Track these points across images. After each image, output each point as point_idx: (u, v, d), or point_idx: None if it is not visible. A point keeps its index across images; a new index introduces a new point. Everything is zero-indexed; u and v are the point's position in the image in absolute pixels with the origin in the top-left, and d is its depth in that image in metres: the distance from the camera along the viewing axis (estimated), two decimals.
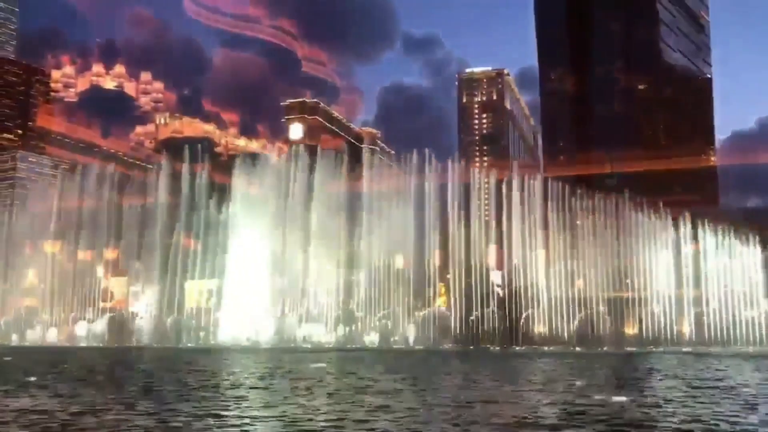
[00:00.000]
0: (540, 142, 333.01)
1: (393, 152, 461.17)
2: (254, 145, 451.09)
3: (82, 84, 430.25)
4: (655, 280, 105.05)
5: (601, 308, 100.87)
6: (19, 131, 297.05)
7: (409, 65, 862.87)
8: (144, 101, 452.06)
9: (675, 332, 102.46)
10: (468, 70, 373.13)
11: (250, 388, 33.15)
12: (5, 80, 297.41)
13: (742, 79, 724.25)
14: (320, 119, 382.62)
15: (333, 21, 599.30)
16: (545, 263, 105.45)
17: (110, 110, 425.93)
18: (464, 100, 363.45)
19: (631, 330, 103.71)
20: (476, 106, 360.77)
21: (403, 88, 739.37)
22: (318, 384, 34.33)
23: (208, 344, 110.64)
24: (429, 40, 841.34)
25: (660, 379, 41.86)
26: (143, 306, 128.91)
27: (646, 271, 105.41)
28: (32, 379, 36.78)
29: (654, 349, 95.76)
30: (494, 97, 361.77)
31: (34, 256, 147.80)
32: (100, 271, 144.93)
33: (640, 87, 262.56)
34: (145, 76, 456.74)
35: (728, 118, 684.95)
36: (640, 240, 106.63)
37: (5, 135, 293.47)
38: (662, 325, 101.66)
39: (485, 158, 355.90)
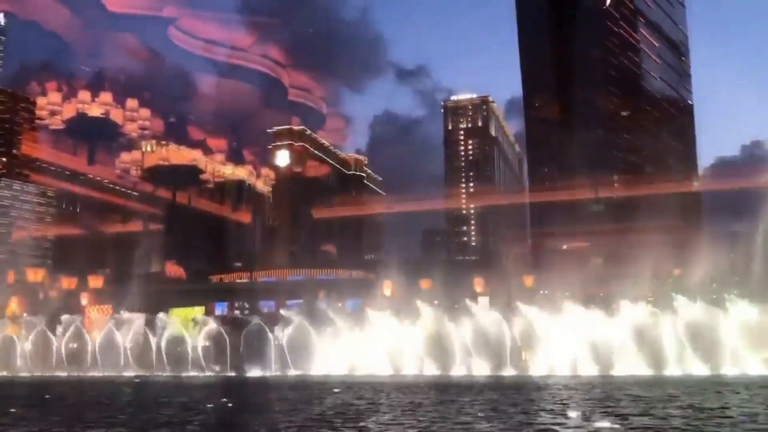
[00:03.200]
0: (525, 168, 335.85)
1: (380, 178, 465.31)
2: (241, 172, 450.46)
3: (68, 111, 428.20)
4: None
5: None
6: (4, 159, 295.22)
7: (399, 94, 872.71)
8: (130, 128, 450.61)
9: None
10: (453, 98, 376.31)
11: None
12: None
13: (725, 105, 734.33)
14: (307, 146, 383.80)
15: (322, 49, 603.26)
16: None
17: (96, 137, 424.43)
18: (450, 127, 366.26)
19: None
20: (462, 132, 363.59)
21: (394, 116, 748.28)
22: None
23: None
24: (418, 70, 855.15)
25: None
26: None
27: None
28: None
29: None
30: (479, 124, 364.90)
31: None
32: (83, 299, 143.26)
33: (623, 113, 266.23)
34: (132, 103, 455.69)
35: (712, 145, 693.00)
36: None
37: None
38: None
39: (471, 184, 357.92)
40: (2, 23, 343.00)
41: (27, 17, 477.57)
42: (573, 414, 38.48)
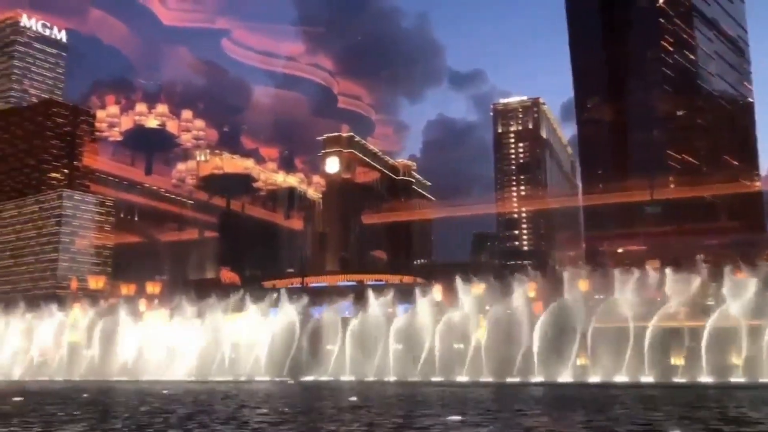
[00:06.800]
0: (578, 170, 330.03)
1: (429, 183, 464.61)
2: (292, 179, 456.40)
3: (126, 123, 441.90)
4: None
5: None
6: (66, 170, 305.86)
7: (454, 99, 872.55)
8: (185, 138, 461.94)
9: None
10: (503, 101, 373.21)
11: None
12: (53, 121, 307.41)
13: None
14: (356, 152, 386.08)
15: (373, 57, 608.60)
16: None
17: (153, 148, 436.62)
18: (500, 130, 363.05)
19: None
20: (512, 135, 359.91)
21: (447, 122, 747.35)
22: None
23: None
24: (473, 75, 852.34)
25: None
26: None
27: None
28: None
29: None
30: (530, 126, 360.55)
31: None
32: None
33: (679, 113, 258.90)
34: (186, 114, 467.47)
35: None
36: None
37: (53, 174, 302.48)
38: None
39: (522, 187, 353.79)
40: (64, 40, 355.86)
41: (87, 34, 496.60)
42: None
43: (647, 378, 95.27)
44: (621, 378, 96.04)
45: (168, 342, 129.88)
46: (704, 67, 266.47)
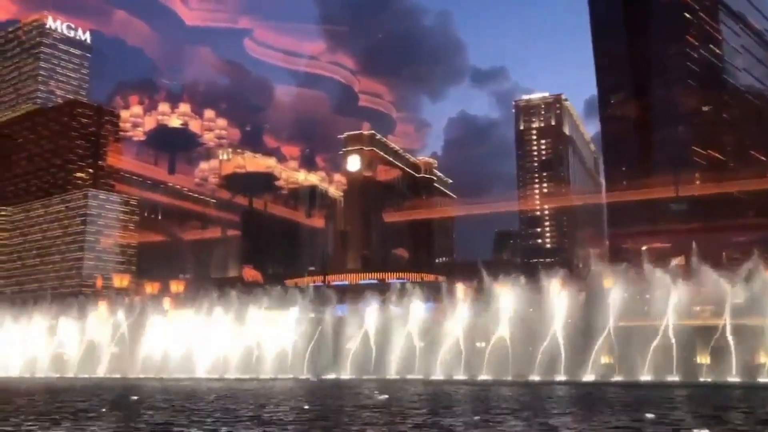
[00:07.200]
0: (601, 167, 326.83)
1: (450, 181, 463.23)
2: (314, 178, 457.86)
3: (149, 123, 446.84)
4: None
5: None
6: (90, 170, 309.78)
7: (475, 96, 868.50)
8: (208, 138, 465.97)
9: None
10: (525, 97, 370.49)
11: None
12: (78, 121, 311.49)
13: None
14: (377, 150, 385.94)
15: (395, 56, 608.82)
16: None
17: (176, 147, 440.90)
18: (522, 127, 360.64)
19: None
20: (534, 132, 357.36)
21: (469, 119, 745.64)
22: None
23: None
24: (495, 72, 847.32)
25: None
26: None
27: None
28: None
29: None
30: (552, 123, 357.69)
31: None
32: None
33: (705, 109, 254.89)
34: (209, 113, 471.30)
35: None
36: None
37: (78, 174, 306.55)
38: None
39: (544, 185, 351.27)
40: (89, 41, 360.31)
41: (111, 35, 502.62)
42: None
43: (673, 377, 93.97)
44: (645, 377, 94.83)
45: (196, 340, 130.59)
46: (730, 62, 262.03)
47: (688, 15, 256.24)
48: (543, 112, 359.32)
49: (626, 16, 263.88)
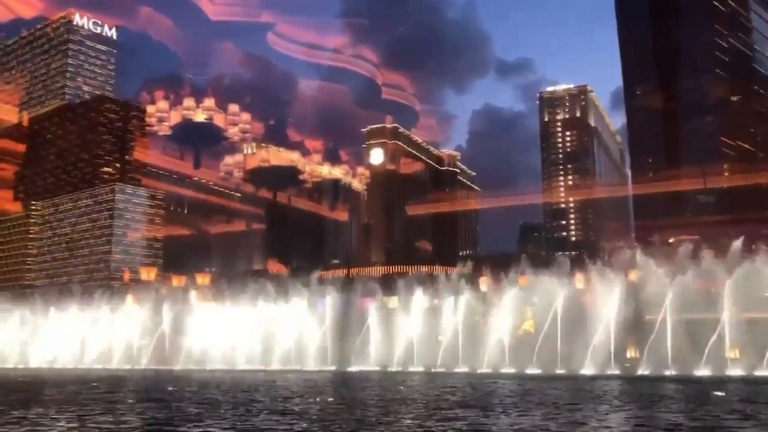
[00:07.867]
0: (627, 159, 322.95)
1: (474, 174, 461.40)
2: (337, 171, 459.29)
3: (175, 118, 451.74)
4: None
5: None
6: (117, 165, 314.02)
7: (500, 88, 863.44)
8: (232, 132, 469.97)
9: None
10: (550, 89, 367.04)
11: None
12: (105, 117, 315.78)
13: None
14: (400, 143, 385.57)
15: (419, 49, 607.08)
16: None
17: (201, 142, 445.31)
18: (546, 119, 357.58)
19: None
20: (559, 124, 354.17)
21: (494, 111, 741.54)
22: None
23: None
24: (520, 64, 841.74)
25: None
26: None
27: None
28: None
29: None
30: (577, 114, 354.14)
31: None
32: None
33: (734, 99, 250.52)
34: (233, 107, 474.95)
35: None
36: None
37: (105, 168, 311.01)
38: None
39: (569, 177, 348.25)
40: (115, 38, 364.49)
41: (137, 31, 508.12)
42: None
43: (702, 371, 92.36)
44: (670, 372, 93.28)
45: (231, 331, 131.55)
46: (761, 50, 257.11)
47: (716, 3, 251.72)
48: (568, 104, 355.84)
49: (652, 4, 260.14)
